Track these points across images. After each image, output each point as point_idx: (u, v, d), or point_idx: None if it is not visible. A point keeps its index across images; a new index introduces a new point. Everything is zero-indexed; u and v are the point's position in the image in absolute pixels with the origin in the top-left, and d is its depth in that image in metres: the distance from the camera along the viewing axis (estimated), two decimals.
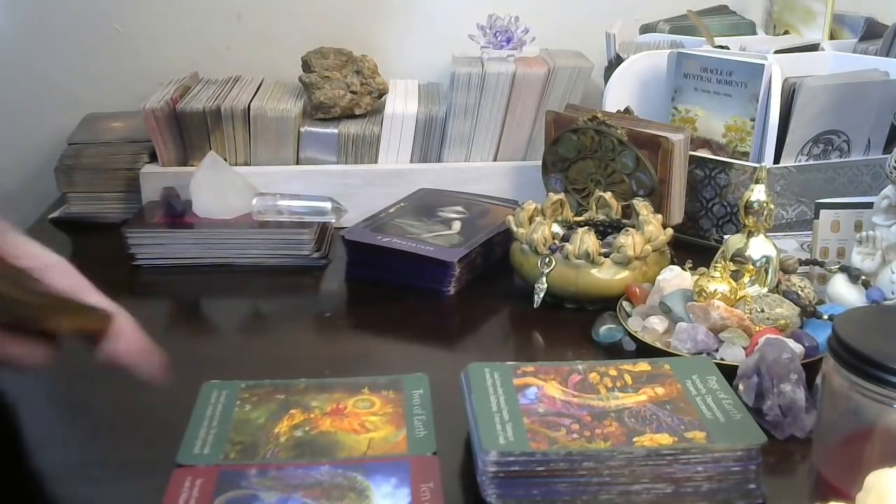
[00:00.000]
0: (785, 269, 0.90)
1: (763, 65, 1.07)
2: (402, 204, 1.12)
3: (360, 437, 0.68)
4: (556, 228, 0.99)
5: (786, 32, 1.42)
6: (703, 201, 1.11)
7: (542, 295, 0.94)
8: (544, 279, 0.94)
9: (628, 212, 1.02)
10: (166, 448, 0.67)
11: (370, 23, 1.40)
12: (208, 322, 1.01)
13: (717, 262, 0.88)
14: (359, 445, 0.67)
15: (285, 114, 1.18)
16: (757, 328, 0.82)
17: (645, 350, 0.84)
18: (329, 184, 1.17)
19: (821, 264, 0.92)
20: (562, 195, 1.04)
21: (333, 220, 1.11)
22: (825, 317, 0.82)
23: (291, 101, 1.21)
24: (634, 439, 0.64)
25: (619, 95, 1.16)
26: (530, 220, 0.99)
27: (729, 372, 0.75)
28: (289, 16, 1.39)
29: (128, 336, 0.65)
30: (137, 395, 0.79)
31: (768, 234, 0.90)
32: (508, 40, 1.21)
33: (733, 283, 0.85)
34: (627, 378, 0.72)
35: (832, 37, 1.36)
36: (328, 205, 1.09)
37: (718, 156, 1.11)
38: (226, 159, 1.18)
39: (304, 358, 0.87)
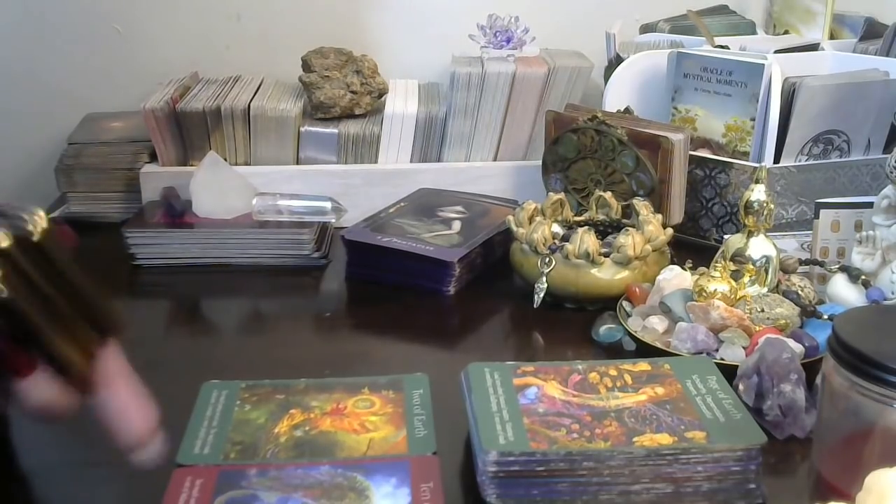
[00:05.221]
0: (785, 269, 0.90)
1: (763, 65, 1.07)
2: (402, 204, 1.12)
3: (360, 437, 0.68)
4: (556, 228, 0.99)
5: (786, 32, 1.42)
6: (703, 201, 1.11)
7: (542, 295, 0.94)
8: (544, 279, 0.94)
9: (628, 212, 1.02)
10: (166, 448, 0.67)
11: (370, 23, 1.40)
12: (208, 322, 1.01)
13: (717, 262, 0.88)
14: (359, 445, 0.67)
15: (285, 114, 1.18)
16: (757, 328, 0.82)
17: (645, 350, 0.84)
18: (329, 184, 1.17)
19: (821, 264, 0.92)
20: (562, 195, 1.04)
21: (333, 220, 1.11)
22: (825, 317, 0.82)
23: (291, 101, 1.21)
24: (634, 439, 0.64)
25: (619, 95, 1.16)
26: (530, 220, 0.99)
27: (729, 372, 0.75)
28: (289, 16, 1.39)
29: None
30: None
31: (768, 234, 0.90)
32: (508, 40, 1.21)
33: (733, 283, 0.85)
34: (627, 378, 0.72)
35: (832, 37, 1.36)
36: (328, 205, 1.10)
37: (718, 156, 1.11)
38: (226, 159, 1.18)
39: (304, 358, 0.87)
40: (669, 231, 0.97)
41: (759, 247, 0.89)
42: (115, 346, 0.60)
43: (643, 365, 0.74)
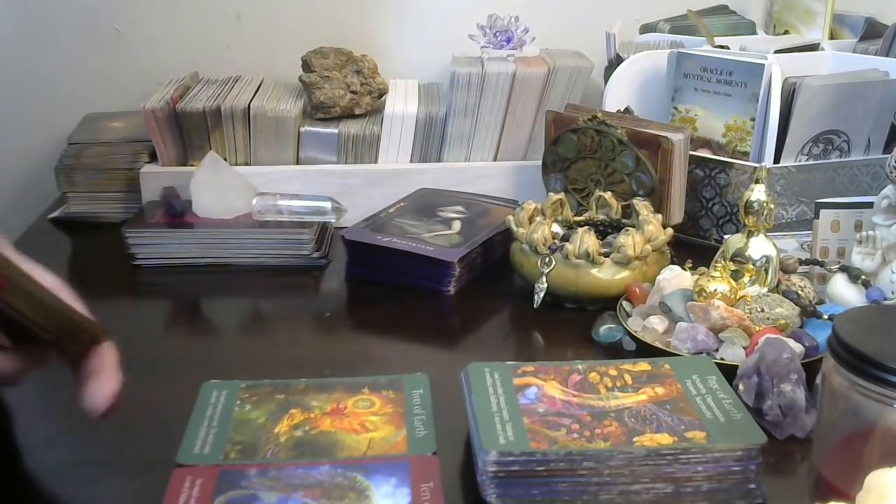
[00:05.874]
0: (785, 269, 0.90)
1: (763, 65, 1.07)
2: (402, 204, 1.12)
3: (360, 436, 0.68)
4: (556, 228, 0.99)
5: (786, 32, 1.42)
6: (703, 201, 1.11)
7: (542, 295, 0.94)
8: (544, 279, 0.94)
9: (628, 212, 1.02)
10: (166, 448, 0.67)
11: (370, 23, 1.40)
12: (208, 322, 1.01)
13: (717, 262, 0.88)
14: (359, 445, 0.67)
15: (285, 114, 1.18)
16: (757, 328, 0.82)
17: (645, 350, 0.84)
18: (329, 184, 1.17)
19: (821, 264, 0.92)
20: (562, 195, 1.04)
21: (333, 220, 1.11)
22: (825, 317, 0.82)
23: (291, 101, 1.21)
24: (634, 439, 0.64)
25: (619, 95, 1.16)
26: (530, 219, 0.99)
27: (729, 372, 0.75)
28: (289, 16, 1.39)
29: (109, 360, 0.65)
30: (137, 396, 0.79)
31: (768, 233, 0.90)
32: (508, 40, 1.21)
33: (733, 282, 0.85)
34: (627, 378, 0.72)
35: (832, 37, 1.36)
36: (328, 205, 1.09)
37: (718, 156, 1.11)
38: (226, 159, 1.18)
39: (304, 358, 0.87)
40: (669, 231, 0.97)
41: (759, 247, 0.89)
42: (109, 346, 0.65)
43: (643, 365, 0.74)
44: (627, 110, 1.12)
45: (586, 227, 0.97)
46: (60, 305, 0.63)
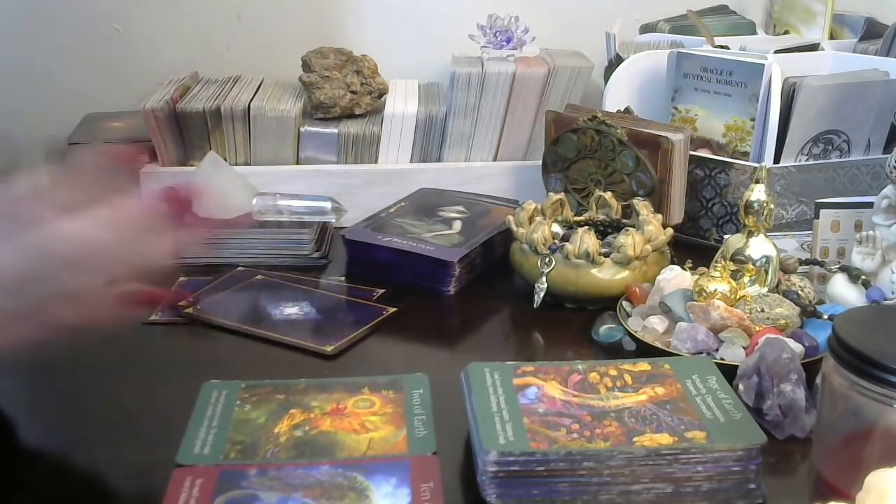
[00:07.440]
0: (785, 269, 0.90)
1: (763, 65, 1.07)
2: (402, 204, 1.12)
3: (360, 436, 0.69)
4: (556, 228, 0.99)
5: (786, 32, 1.42)
6: (703, 201, 1.11)
7: (542, 295, 0.94)
8: (544, 279, 0.94)
9: (628, 212, 1.02)
10: (166, 448, 0.67)
11: (370, 23, 1.40)
12: (208, 322, 1.01)
13: (717, 262, 0.88)
14: (359, 445, 0.68)
15: (285, 114, 1.18)
16: (757, 328, 0.82)
17: (645, 350, 0.84)
18: (329, 184, 1.17)
19: (821, 264, 0.92)
20: (562, 195, 1.04)
21: (333, 220, 1.11)
22: (825, 317, 0.82)
23: (291, 101, 1.21)
24: (634, 439, 0.64)
25: (619, 95, 1.16)
26: (530, 219, 0.99)
27: (729, 372, 0.75)
28: (289, 16, 1.39)
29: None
30: (137, 395, 0.79)
31: (768, 233, 0.90)
32: (508, 40, 1.21)
33: (733, 282, 0.85)
34: (627, 378, 0.72)
35: (832, 37, 1.36)
36: (328, 204, 1.09)
37: (718, 156, 1.11)
38: (226, 159, 1.18)
39: (304, 358, 0.87)
40: (669, 231, 0.97)
41: (759, 247, 0.89)
42: None
43: (643, 365, 0.74)
44: (627, 110, 1.12)
45: (586, 227, 0.97)
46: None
